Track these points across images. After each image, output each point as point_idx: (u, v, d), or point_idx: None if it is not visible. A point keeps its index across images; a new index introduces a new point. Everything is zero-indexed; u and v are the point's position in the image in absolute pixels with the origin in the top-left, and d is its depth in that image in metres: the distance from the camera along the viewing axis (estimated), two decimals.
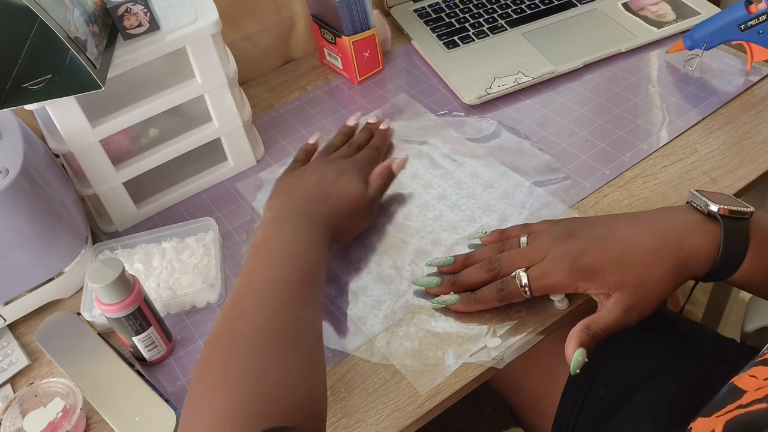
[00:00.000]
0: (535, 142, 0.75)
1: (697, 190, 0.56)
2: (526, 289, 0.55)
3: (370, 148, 0.72)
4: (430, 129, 0.79)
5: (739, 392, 0.39)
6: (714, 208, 0.53)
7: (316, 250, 0.57)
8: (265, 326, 0.49)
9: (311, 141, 0.74)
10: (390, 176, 0.69)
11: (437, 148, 0.76)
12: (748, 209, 0.53)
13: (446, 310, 0.60)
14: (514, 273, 0.56)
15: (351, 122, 0.77)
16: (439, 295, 0.60)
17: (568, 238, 0.55)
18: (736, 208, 0.53)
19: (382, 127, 0.77)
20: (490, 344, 0.57)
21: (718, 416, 0.38)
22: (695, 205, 0.55)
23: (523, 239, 0.58)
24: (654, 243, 0.53)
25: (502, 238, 0.61)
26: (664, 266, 0.52)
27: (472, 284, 0.59)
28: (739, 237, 0.52)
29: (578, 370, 0.52)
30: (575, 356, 0.52)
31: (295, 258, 0.55)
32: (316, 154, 0.73)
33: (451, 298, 0.59)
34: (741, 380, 0.41)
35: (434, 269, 0.63)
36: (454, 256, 0.62)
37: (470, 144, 0.76)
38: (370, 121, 0.77)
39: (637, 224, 0.55)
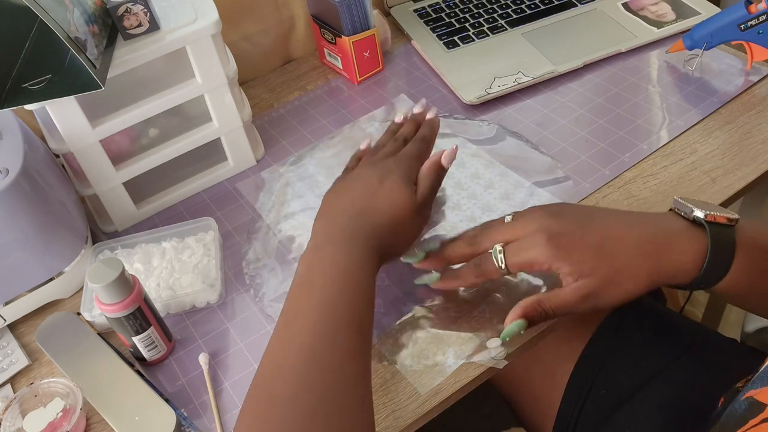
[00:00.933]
0: (536, 145, 0.75)
1: (680, 197, 0.55)
2: (502, 264, 0.53)
3: (417, 141, 0.63)
4: None
5: (761, 406, 0.39)
6: (699, 214, 0.51)
7: (360, 274, 0.51)
8: (308, 383, 0.45)
9: (363, 146, 0.66)
10: (441, 172, 0.60)
11: (437, 149, 0.76)
12: (734, 216, 0.52)
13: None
14: (492, 249, 0.54)
15: (398, 118, 0.68)
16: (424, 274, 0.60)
17: (552, 216, 0.53)
18: (723, 215, 0.51)
19: (429, 116, 0.67)
20: (490, 344, 0.57)
21: None
22: (679, 211, 0.54)
23: (508, 217, 0.56)
24: (636, 238, 0.51)
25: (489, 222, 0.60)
26: (641, 266, 0.51)
27: (453, 258, 0.58)
28: (726, 244, 0.51)
29: (507, 338, 0.53)
30: (512, 325, 0.52)
31: (345, 295, 0.50)
32: (363, 157, 0.66)
33: (432, 276, 0.58)
34: (761, 394, 0.40)
35: (414, 258, 0.62)
36: (441, 242, 0.61)
37: (471, 145, 0.76)
38: (416, 110, 0.68)
39: (624, 218, 0.54)
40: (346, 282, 0.51)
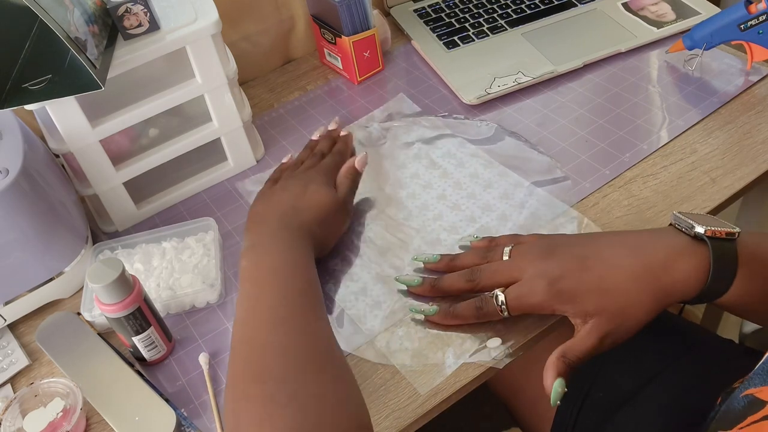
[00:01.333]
0: (535, 145, 0.75)
1: (679, 212, 0.54)
2: (504, 308, 0.55)
3: (334, 154, 0.71)
4: (431, 130, 0.79)
5: (760, 403, 0.39)
6: (700, 230, 0.51)
7: (303, 258, 0.57)
8: (288, 350, 0.48)
9: (284, 160, 0.73)
10: (356, 174, 0.68)
11: (437, 149, 0.76)
12: (735, 230, 0.52)
13: (425, 322, 0.60)
14: (492, 293, 0.55)
15: (315, 136, 0.75)
16: (418, 296, 0.61)
17: (549, 256, 0.54)
18: (723, 230, 0.51)
19: (342, 133, 0.75)
20: (490, 344, 0.57)
21: (740, 428, 0.38)
22: (679, 227, 0.54)
23: (507, 249, 0.57)
24: (637, 267, 0.51)
25: (491, 245, 0.61)
26: (645, 292, 0.51)
27: (451, 291, 0.59)
28: (728, 258, 0.51)
29: (558, 402, 0.50)
30: (555, 387, 0.50)
31: (290, 273, 0.55)
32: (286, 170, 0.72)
33: (430, 309, 0.59)
34: (762, 392, 0.40)
35: (420, 264, 0.64)
36: (441, 255, 0.62)
37: (470, 145, 0.76)
38: (331, 127, 0.76)
39: (620, 245, 0.53)
40: (292, 262, 0.56)
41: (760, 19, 0.74)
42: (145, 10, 0.63)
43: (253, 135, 0.79)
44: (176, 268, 0.65)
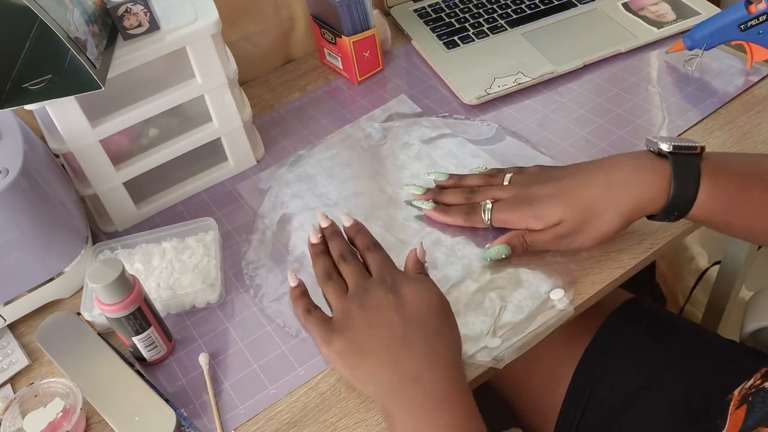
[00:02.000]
0: (536, 145, 0.75)
1: (653, 136, 0.58)
2: (488, 218, 0.63)
3: (374, 247, 0.58)
4: (431, 130, 0.79)
5: None
6: (664, 146, 0.55)
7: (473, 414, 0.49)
8: None
9: (293, 284, 0.59)
10: (423, 268, 0.58)
11: (438, 149, 0.76)
12: (698, 145, 0.55)
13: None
14: (482, 203, 0.63)
15: (314, 239, 0.60)
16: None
17: (537, 183, 0.61)
18: (684, 144, 0.55)
19: (350, 224, 0.61)
20: (490, 344, 0.57)
21: None
22: (649, 147, 0.58)
23: (508, 176, 0.64)
24: (602, 182, 0.57)
25: (497, 173, 0.67)
26: (609, 204, 0.56)
27: (448, 202, 0.66)
28: (690, 172, 0.54)
29: (488, 259, 0.61)
30: (500, 248, 0.61)
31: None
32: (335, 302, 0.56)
33: (427, 204, 0.66)
34: None
35: (418, 189, 0.69)
36: (450, 174, 0.69)
37: (470, 145, 0.76)
38: (324, 224, 0.61)
39: (593, 167, 0.59)
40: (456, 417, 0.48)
41: (760, 19, 0.74)
42: (145, 10, 0.63)
43: (253, 135, 0.79)
44: (176, 268, 0.65)
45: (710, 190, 0.54)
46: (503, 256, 0.61)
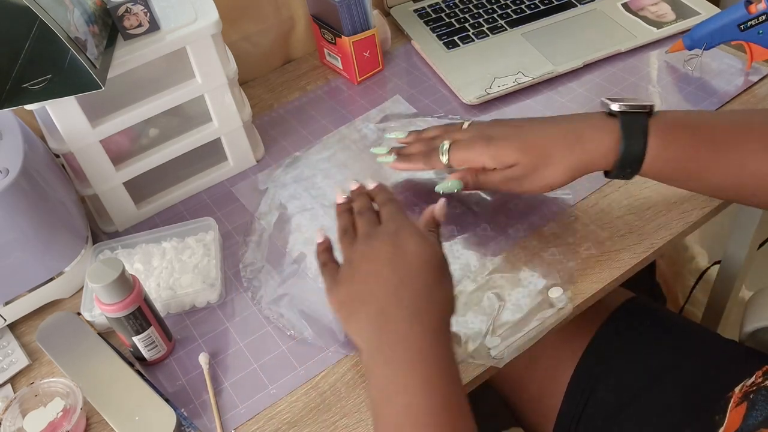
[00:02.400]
0: None
1: (608, 97, 0.60)
2: (445, 155, 0.63)
3: (390, 202, 0.58)
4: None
5: None
6: (614, 107, 0.58)
7: (452, 365, 0.49)
8: None
9: (320, 239, 0.60)
10: (438, 227, 0.58)
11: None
12: (648, 104, 0.58)
13: None
14: (440, 144, 0.64)
15: (340, 199, 0.62)
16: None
17: (493, 126, 0.63)
18: (634, 104, 0.57)
19: (374, 185, 0.62)
20: (489, 344, 0.57)
21: None
22: (602, 109, 0.60)
23: (466, 124, 0.66)
24: (557, 135, 0.59)
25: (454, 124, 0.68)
26: (560, 156, 0.58)
27: (410, 152, 0.68)
28: (638, 129, 0.56)
29: (440, 191, 0.63)
30: (453, 182, 0.63)
31: (432, 385, 0.47)
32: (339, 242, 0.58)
33: (390, 157, 0.69)
34: None
35: (382, 149, 0.71)
36: (410, 131, 0.71)
37: None
38: (353, 186, 0.63)
39: (551, 121, 0.61)
40: (434, 371, 0.48)
41: (760, 19, 0.74)
42: (145, 10, 0.63)
43: (253, 135, 0.79)
44: (176, 268, 0.65)
45: (658, 146, 0.56)
46: (455, 190, 0.63)
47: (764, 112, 0.58)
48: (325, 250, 0.59)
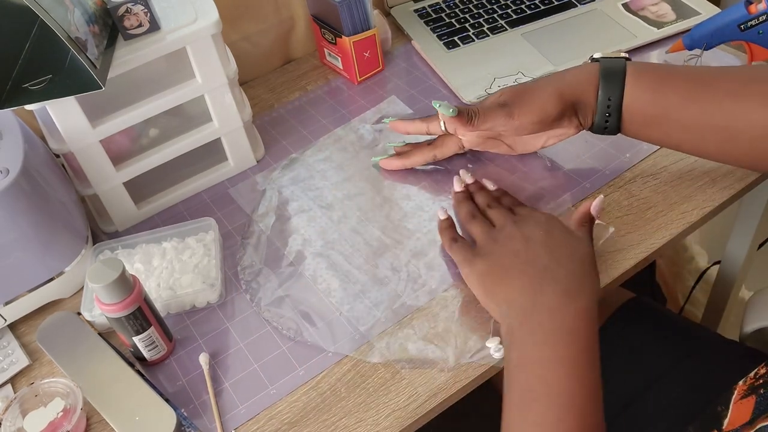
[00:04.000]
0: None
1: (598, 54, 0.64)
2: (442, 126, 0.67)
3: (521, 204, 0.64)
4: None
5: None
6: (596, 55, 0.63)
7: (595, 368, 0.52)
8: None
9: (443, 216, 0.65)
10: (592, 223, 0.60)
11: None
12: (625, 54, 0.62)
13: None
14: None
15: (457, 187, 0.69)
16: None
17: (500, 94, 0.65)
18: (616, 52, 0.63)
19: (494, 188, 0.68)
20: (490, 344, 0.57)
21: None
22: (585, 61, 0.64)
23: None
24: (544, 81, 0.63)
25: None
26: (547, 86, 0.62)
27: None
28: (615, 69, 0.60)
29: (437, 106, 0.64)
30: (450, 108, 0.63)
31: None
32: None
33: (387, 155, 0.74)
34: None
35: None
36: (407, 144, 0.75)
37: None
38: (469, 181, 0.69)
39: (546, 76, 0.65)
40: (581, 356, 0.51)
41: (760, 19, 0.74)
42: (146, 10, 0.63)
43: (253, 135, 0.79)
44: (176, 268, 0.65)
45: (635, 83, 0.59)
46: (449, 111, 0.63)
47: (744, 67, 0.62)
48: (449, 226, 0.64)
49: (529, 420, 0.48)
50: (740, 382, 0.59)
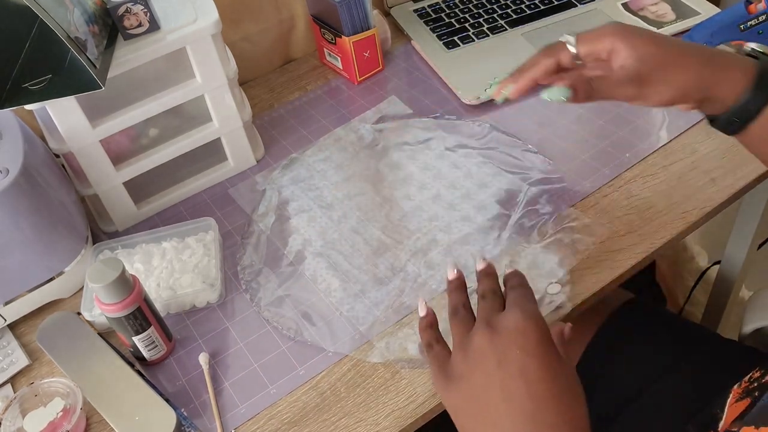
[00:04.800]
0: (525, 143, 0.75)
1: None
2: (573, 48, 0.56)
3: (521, 287, 0.50)
4: (424, 131, 0.79)
5: None
6: (752, 46, 0.56)
7: None
8: None
9: (422, 313, 0.53)
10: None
11: (431, 150, 0.76)
12: None
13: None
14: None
15: (451, 275, 0.54)
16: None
17: (627, 26, 0.55)
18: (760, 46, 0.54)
19: (511, 272, 0.53)
20: None
21: None
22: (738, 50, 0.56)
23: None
24: (693, 44, 0.54)
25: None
26: (691, 57, 0.52)
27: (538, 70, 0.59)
28: None
29: (548, 98, 0.55)
30: (558, 89, 0.54)
31: None
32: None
33: (506, 88, 0.61)
34: None
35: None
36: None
37: (464, 145, 0.76)
38: (480, 267, 0.54)
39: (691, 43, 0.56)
40: None
41: (760, 19, 0.74)
42: (145, 10, 0.63)
43: (253, 135, 0.79)
44: (176, 268, 0.65)
45: None
46: (563, 98, 0.54)
47: None
48: (429, 326, 0.52)
49: None
50: (735, 386, 0.59)
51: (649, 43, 0.53)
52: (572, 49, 0.55)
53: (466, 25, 0.92)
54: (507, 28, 0.91)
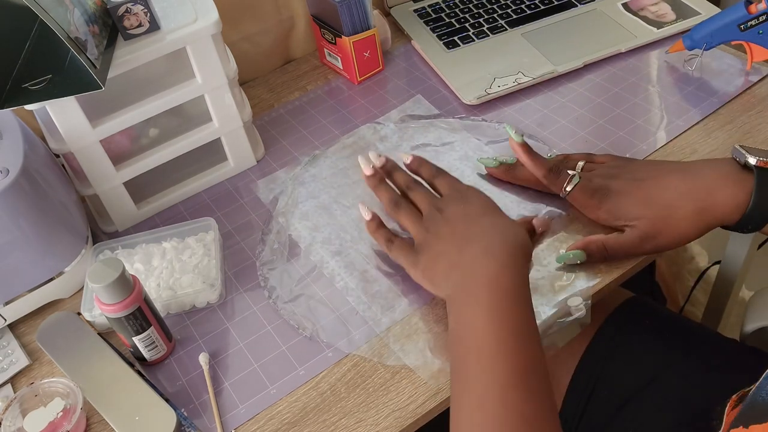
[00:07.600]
0: (551, 149, 0.74)
1: (740, 145, 0.57)
2: (568, 188, 0.61)
3: (442, 173, 0.63)
4: (447, 132, 0.78)
5: None
6: (752, 160, 0.55)
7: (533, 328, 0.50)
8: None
9: (368, 217, 0.63)
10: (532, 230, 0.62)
11: (454, 151, 0.75)
12: None
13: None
14: (572, 173, 0.62)
15: (368, 171, 0.65)
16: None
17: (613, 178, 0.60)
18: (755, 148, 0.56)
19: (409, 160, 0.66)
20: None
21: None
22: (735, 157, 0.57)
23: (580, 164, 0.63)
24: (683, 187, 0.57)
25: (566, 159, 0.66)
26: (686, 207, 0.56)
27: (523, 179, 0.67)
28: None
29: (562, 262, 0.60)
30: (576, 252, 0.59)
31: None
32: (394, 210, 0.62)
33: (493, 162, 0.69)
34: None
35: (491, 162, 0.70)
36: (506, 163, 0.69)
37: (487, 148, 0.75)
38: (379, 162, 0.66)
39: (676, 170, 0.59)
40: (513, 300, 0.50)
41: (760, 19, 0.74)
42: (145, 10, 0.63)
43: (253, 135, 0.79)
44: (176, 268, 0.65)
45: None
46: (578, 262, 0.60)
47: None
48: (379, 226, 0.62)
49: (469, 374, 0.48)
50: (734, 396, 0.60)
51: (636, 207, 0.58)
52: (568, 189, 0.62)
53: (466, 25, 0.92)
54: (507, 28, 0.91)
